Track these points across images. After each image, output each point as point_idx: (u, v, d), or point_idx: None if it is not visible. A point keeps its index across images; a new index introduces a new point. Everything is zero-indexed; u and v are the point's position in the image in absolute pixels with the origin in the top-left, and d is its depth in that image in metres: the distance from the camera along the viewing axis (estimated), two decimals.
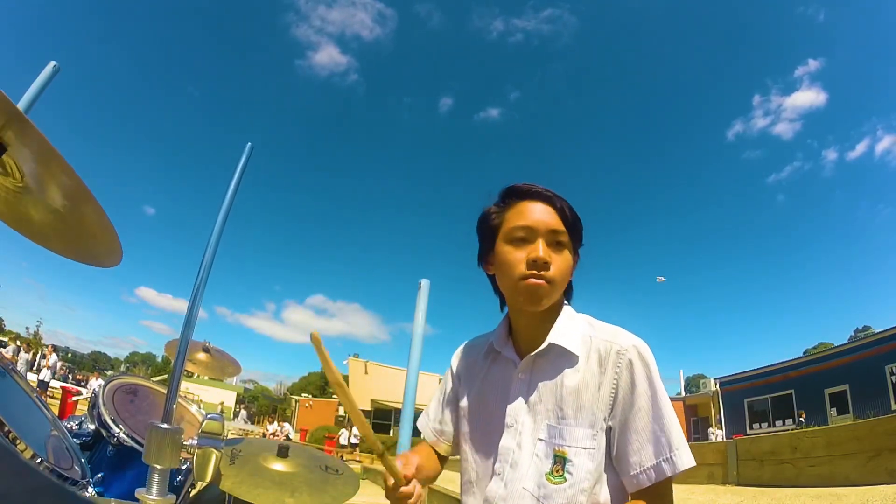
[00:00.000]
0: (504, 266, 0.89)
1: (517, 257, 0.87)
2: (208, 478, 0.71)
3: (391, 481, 0.80)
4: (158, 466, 0.67)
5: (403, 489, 0.79)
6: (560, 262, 0.87)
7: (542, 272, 0.85)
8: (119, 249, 1.05)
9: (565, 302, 0.95)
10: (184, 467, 1.50)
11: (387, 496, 0.83)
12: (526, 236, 0.87)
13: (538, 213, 0.88)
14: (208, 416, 0.75)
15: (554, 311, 0.92)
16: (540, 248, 0.85)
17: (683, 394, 23.91)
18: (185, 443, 0.70)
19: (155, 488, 0.66)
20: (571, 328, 0.90)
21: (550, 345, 0.88)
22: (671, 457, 0.79)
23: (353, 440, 20.18)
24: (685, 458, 0.80)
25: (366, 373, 25.78)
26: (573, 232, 0.90)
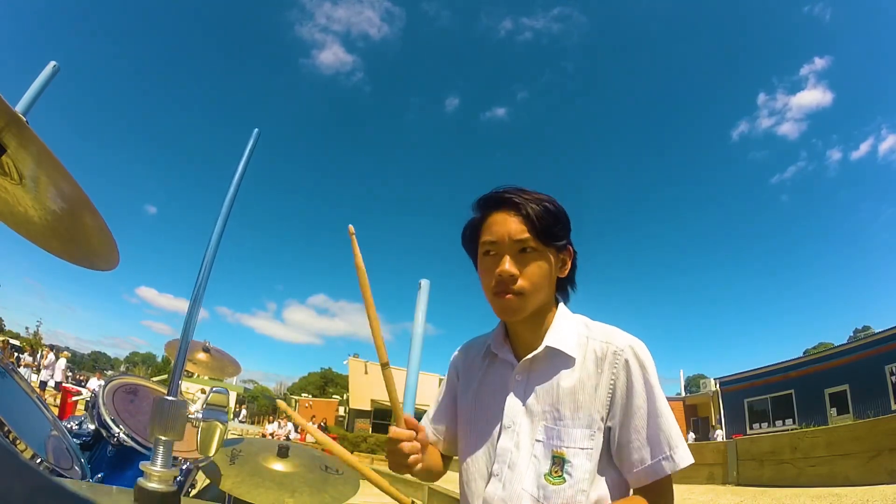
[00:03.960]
0: (481, 279, 0.92)
1: (488, 272, 0.89)
2: (212, 452, 0.70)
3: (394, 431, 0.83)
4: (164, 438, 0.66)
5: (401, 431, 0.82)
6: (530, 271, 0.86)
7: (510, 286, 0.86)
8: (116, 254, 1.05)
9: (561, 302, 0.96)
10: (183, 467, 1.50)
11: (389, 454, 0.85)
12: (493, 251, 0.89)
13: (502, 226, 0.88)
14: (213, 389, 0.75)
15: (549, 314, 0.93)
16: (505, 263, 0.86)
17: (683, 394, 23.88)
18: (190, 416, 0.70)
19: (160, 460, 0.65)
20: (567, 330, 0.91)
21: (547, 347, 0.88)
22: (671, 455, 0.81)
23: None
24: (684, 456, 0.82)
25: (366, 373, 25.75)
26: (545, 234, 0.87)
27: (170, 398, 0.67)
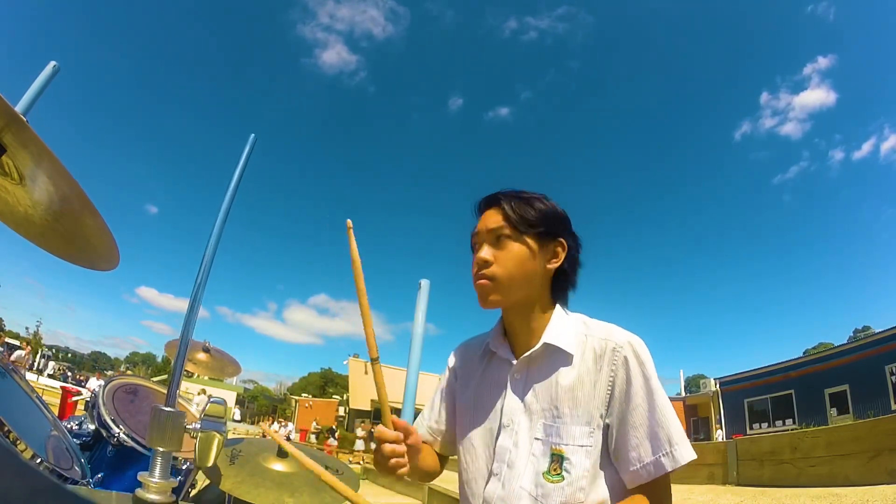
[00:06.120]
0: None
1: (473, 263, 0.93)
2: (211, 462, 0.70)
3: (380, 431, 0.81)
4: (161, 449, 0.66)
5: (387, 431, 0.80)
6: (503, 257, 0.90)
7: (483, 271, 0.89)
8: (116, 254, 1.05)
9: (559, 303, 0.95)
10: (183, 467, 1.50)
11: (375, 453, 0.84)
12: (475, 243, 0.95)
13: (482, 221, 0.94)
14: (211, 399, 0.75)
15: (546, 311, 0.93)
16: (481, 251, 0.91)
17: (683, 394, 23.86)
18: (188, 427, 0.70)
19: (158, 471, 0.65)
20: (565, 327, 0.91)
21: (545, 344, 0.89)
22: (671, 451, 0.80)
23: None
24: (685, 452, 0.80)
25: (366, 373, 25.73)
26: (519, 221, 0.90)
27: (167, 409, 0.67)
